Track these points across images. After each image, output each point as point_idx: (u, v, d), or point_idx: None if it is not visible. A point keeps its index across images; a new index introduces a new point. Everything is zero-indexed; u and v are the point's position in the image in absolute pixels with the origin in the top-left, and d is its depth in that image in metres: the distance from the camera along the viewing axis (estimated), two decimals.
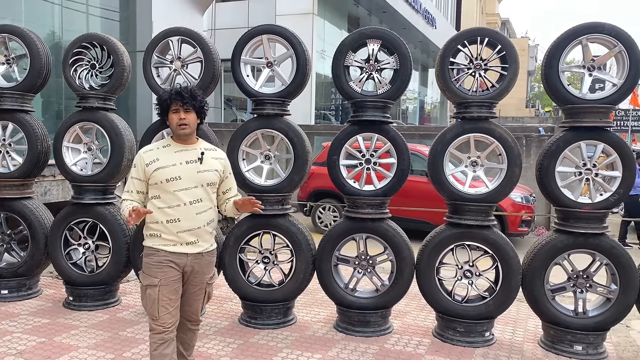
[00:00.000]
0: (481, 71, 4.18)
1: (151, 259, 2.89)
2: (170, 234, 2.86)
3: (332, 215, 9.64)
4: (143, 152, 2.95)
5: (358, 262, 4.45)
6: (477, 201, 4.14)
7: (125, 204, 2.90)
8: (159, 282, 2.84)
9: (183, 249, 2.89)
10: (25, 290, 5.05)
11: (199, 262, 2.94)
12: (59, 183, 6.24)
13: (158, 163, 2.87)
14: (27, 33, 4.85)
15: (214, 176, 2.97)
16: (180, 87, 2.93)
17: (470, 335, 4.20)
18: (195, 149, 2.96)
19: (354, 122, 4.37)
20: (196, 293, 3.01)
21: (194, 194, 2.88)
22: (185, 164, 2.88)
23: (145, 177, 2.89)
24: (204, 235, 2.94)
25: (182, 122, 2.86)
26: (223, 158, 3.08)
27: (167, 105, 2.88)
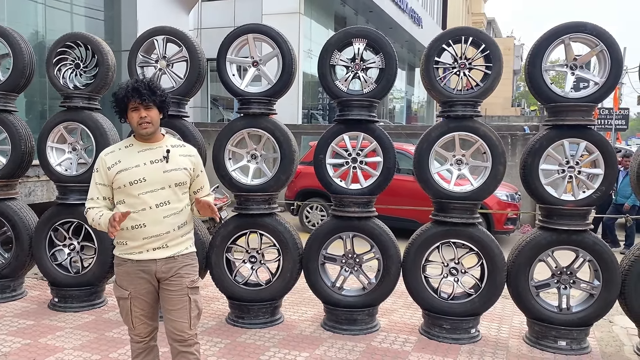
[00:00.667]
0: (465, 70, 4.22)
1: (120, 269, 2.71)
2: (136, 240, 2.64)
3: (320, 214, 9.64)
4: (104, 154, 2.71)
5: (345, 260, 4.46)
6: (462, 199, 4.17)
7: (93, 213, 2.64)
8: (129, 294, 2.67)
9: (150, 255, 2.66)
10: (10, 292, 5.00)
11: (173, 266, 2.68)
12: (43, 184, 6.18)
13: (120, 165, 2.63)
14: (10, 32, 4.80)
15: (183, 175, 2.71)
16: (137, 81, 2.63)
17: (456, 332, 4.23)
18: (160, 147, 2.70)
19: (340, 121, 4.39)
20: (176, 300, 2.68)
21: (161, 196, 2.64)
22: (149, 164, 2.64)
23: (109, 181, 2.65)
24: (174, 239, 2.70)
25: (143, 120, 2.60)
26: (193, 155, 2.81)
27: (125, 103, 2.61)
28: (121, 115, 2.68)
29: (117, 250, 2.72)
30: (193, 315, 2.71)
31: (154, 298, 2.73)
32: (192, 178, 2.78)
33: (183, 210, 2.74)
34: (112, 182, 2.64)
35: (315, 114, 20.99)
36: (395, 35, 24.11)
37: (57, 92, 4.82)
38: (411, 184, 8.53)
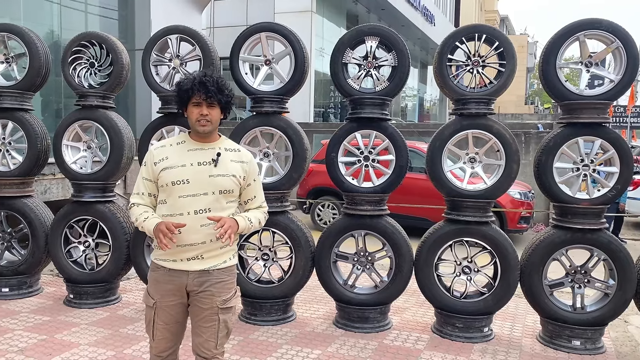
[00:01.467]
0: (479, 68, 4.20)
1: (152, 275, 2.54)
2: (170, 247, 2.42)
3: (331, 212, 9.65)
4: (154, 148, 2.53)
5: (357, 258, 4.46)
6: (475, 197, 4.15)
7: (137, 211, 2.47)
8: (155, 304, 2.49)
9: (182, 265, 2.45)
10: (26, 288, 5.07)
11: (206, 281, 2.46)
12: (58, 181, 6.26)
13: (166, 162, 2.44)
14: (26, 32, 4.86)
15: (230, 183, 2.46)
16: (205, 75, 2.41)
17: (469, 331, 4.22)
18: (212, 148, 2.48)
19: (352, 120, 4.39)
20: (205, 319, 2.48)
21: (202, 202, 2.41)
22: (196, 165, 2.43)
23: (154, 177, 2.47)
24: (211, 251, 2.46)
25: (203, 118, 2.41)
26: (247, 161, 2.55)
27: (189, 96, 2.41)
28: (180, 106, 2.48)
29: (154, 254, 2.56)
30: (221, 335, 2.52)
31: (180, 313, 2.52)
32: (241, 187, 2.54)
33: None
34: (157, 179, 2.46)
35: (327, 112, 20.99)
36: (407, 33, 24.03)
37: (72, 90, 4.87)
38: (423, 182, 8.51)
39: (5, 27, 4.92)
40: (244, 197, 2.58)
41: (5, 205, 4.99)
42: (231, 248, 2.54)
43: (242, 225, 2.46)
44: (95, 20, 9.43)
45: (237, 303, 2.59)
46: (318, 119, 19.13)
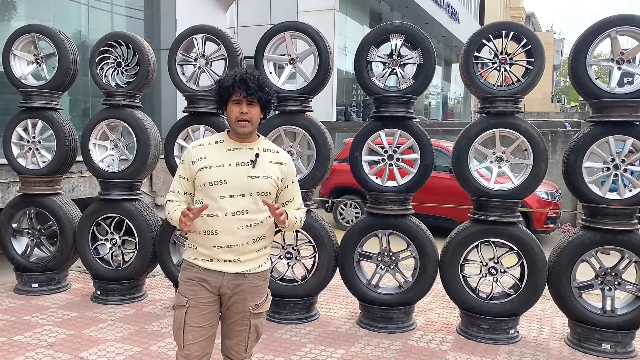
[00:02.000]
0: (506, 65, 4.13)
1: (184, 274, 2.47)
2: (206, 247, 2.40)
3: (354, 211, 9.63)
4: (192, 146, 2.48)
5: (381, 258, 4.44)
6: (502, 197, 4.09)
7: (170, 206, 2.45)
8: (187, 302, 2.40)
9: (219, 266, 2.40)
10: (55, 284, 5.17)
11: (240, 284, 2.41)
12: (86, 179, 6.36)
13: (205, 162, 2.39)
14: (55, 32, 4.95)
15: (267, 184, 2.40)
16: (247, 72, 2.36)
17: (495, 333, 4.16)
18: (251, 148, 2.43)
19: (377, 118, 4.36)
20: (237, 322, 2.47)
21: (240, 203, 2.36)
22: (234, 166, 2.38)
23: (192, 176, 2.42)
24: (248, 254, 2.41)
25: (243, 117, 2.35)
26: (285, 163, 2.49)
27: (229, 94, 2.35)
28: (220, 105, 2.42)
29: (187, 253, 2.50)
30: (251, 339, 2.50)
31: (213, 313, 2.45)
32: (279, 189, 2.47)
33: (262, 223, 2.42)
34: (194, 178, 2.42)
35: (350, 111, 20.94)
36: (431, 31, 23.81)
37: (99, 90, 4.94)
38: (448, 181, 8.45)
39: (35, 28, 5.02)
40: (282, 199, 2.51)
41: (34, 203, 5.10)
42: (266, 252, 2.50)
43: (290, 220, 2.40)
44: (122, 20, 9.56)
45: (268, 307, 2.55)
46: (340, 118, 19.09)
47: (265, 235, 2.47)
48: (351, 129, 12.64)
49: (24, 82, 5.01)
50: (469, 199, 4.30)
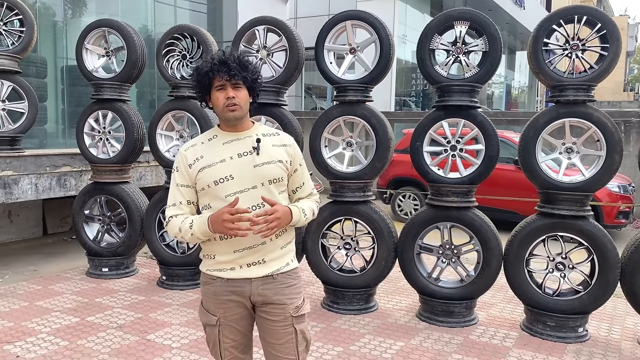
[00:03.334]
0: (578, 52, 3.93)
1: (207, 289, 2.21)
2: (225, 253, 2.13)
3: (413, 203, 9.50)
4: (184, 149, 2.20)
5: (442, 251, 4.35)
6: (572, 190, 3.91)
7: (178, 222, 2.13)
8: (218, 321, 2.18)
9: (244, 272, 2.14)
10: (123, 269, 5.41)
11: (271, 288, 2.16)
12: (152, 169, 6.60)
13: (203, 161, 2.13)
14: (124, 26, 5.14)
15: (278, 169, 2.16)
16: (224, 53, 2.11)
17: (562, 330, 4.00)
18: (249, 136, 2.17)
19: (439, 108, 4.26)
20: (279, 333, 2.16)
21: (253, 197, 2.10)
22: (237, 157, 2.13)
23: (192, 182, 2.16)
24: (273, 252, 2.17)
25: (231, 101, 2.08)
26: (289, 144, 2.24)
27: (210, 80, 2.08)
28: (203, 95, 2.15)
29: (204, 265, 2.23)
30: (301, 350, 2.20)
31: (248, 325, 2.24)
32: (289, 172, 2.23)
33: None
34: (195, 183, 2.16)
35: (408, 101, 20.63)
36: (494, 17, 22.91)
37: (164, 82, 5.09)
38: (511, 173, 8.18)
39: (106, 23, 5.23)
40: (292, 185, 2.27)
41: (105, 191, 5.34)
42: (291, 248, 2.26)
43: (295, 218, 2.16)
44: (185, 13, 9.82)
45: (308, 310, 2.27)
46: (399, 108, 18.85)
47: (287, 229, 2.23)
48: (410, 119, 12.45)
49: (95, 74, 5.23)
50: (534, 191, 4.14)
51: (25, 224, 6.94)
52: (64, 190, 5.68)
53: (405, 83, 20.51)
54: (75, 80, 7.43)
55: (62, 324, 4.07)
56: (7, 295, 4.72)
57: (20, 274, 5.46)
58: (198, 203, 2.20)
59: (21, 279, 5.25)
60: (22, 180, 5.23)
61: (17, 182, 5.19)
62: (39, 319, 4.16)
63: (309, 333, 2.26)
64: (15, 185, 5.18)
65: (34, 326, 4.03)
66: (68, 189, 5.71)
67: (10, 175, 5.13)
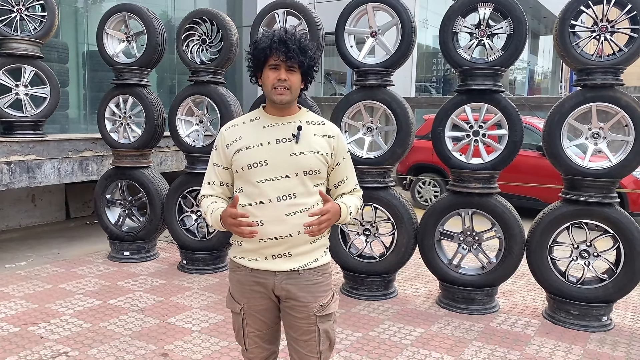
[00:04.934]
0: (607, 34, 3.81)
1: (233, 276, 2.16)
2: (251, 242, 2.04)
3: (433, 190, 9.41)
4: (225, 128, 2.13)
5: (463, 238, 4.30)
6: (598, 176, 3.81)
7: (206, 203, 2.11)
8: (242, 309, 2.12)
9: (268, 264, 2.05)
10: (144, 252, 5.46)
11: (296, 284, 2.06)
12: (172, 154, 6.63)
13: (240, 142, 2.05)
14: (144, 11, 5.13)
15: (316, 161, 2.03)
16: (287, 32, 2.00)
17: (585, 319, 3.93)
18: (292, 122, 2.06)
19: (462, 92, 4.18)
20: (302, 330, 2.09)
21: (285, 186, 2.00)
22: (274, 143, 2.02)
23: (228, 162, 2.08)
24: (300, 246, 2.05)
25: (281, 84, 1.98)
26: (334, 135, 2.10)
27: (265, 57, 1.98)
28: (255, 71, 2.06)
29: (232, 252, 2.16)
30: (323, 349, 2.12)
31: (273, 317, 2.16)
32: (329, 166, 2.10)
33: (314, 208, 2.03)
34: (230, 164, 2.08)
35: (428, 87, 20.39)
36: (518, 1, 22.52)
37: (184, 67, 5.08)
38: (534, 159, 8.04)
39: (126, 7, 5.22)
40: (333, 179, 2.14)
41: (126, 175, 5.38)
42: (323, 243, 2.13)
43: (342, 217, 2.08)
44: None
45: (336, 308, 2.17)
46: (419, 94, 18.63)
47: None
48: (431, 104, 12.29)
49: (115, 59, 5.25)
50: (557, 178, 4.05)
51: (49, 208, 7.05)
52: (86, 175, 5.74)
53: (426, 68, 20.24)
54: (96, 66, 7.48)
55: (85, 307, 4.13)
56: (32, 278, 4.80)
57: (44, 257, 5.55)
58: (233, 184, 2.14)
59: (45, 262, 5.34)
60: (45, 164, 5.30)
61: (40, 166, 5.26)
62: (62, 301, 4.23)
63: (334, 332, 2.17)
64: (39, 170, 5.25)
65: (58, 308, 4.09)
66: (90, 174, 5.77)
67: (33, 160, 5.19)
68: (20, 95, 5.44)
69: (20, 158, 5.08)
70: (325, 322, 2.11)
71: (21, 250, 5.79)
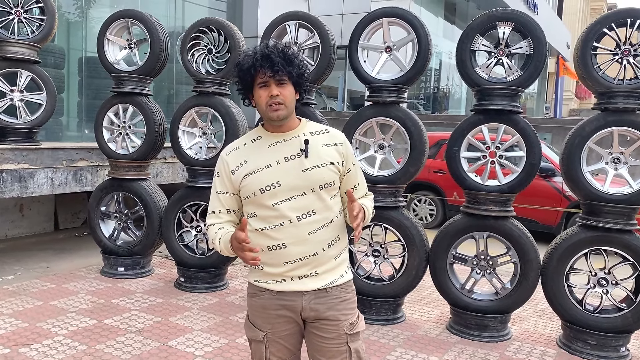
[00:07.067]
0: (629, 57, 3.74)
1: (255, 302, 2.05)
2: (275, 266, 1.97)
3: (428, 208, 9.31)
4: (226, 153, 2.03)
5: (477, 262, 4.17)
6: (618, 202, 3.71)
7: (213, 231, 2.02)
8: (265, 337, 2.02)
9: (295, 285, 1.97)
10: (139, 268, 5.23)
11: (324, 302, 1.99)
12: (169, 165, 6.42)
13: (247, 167, 1.96)
14: (148, 18, 4.96)
15: (329, 173, 1.97)
16: (267, 46, 1.90)
17: (603, 349, 3.80)
18: (296, 136, 1.98)
19: (479, 112, 4.07)
20: (332, 351, 1.99)
21: (302, 204, 1.94)
22: (284, 162, 1.95)
23: (234, 189, 2.00)
24: (326, 264, 1.98)
25: (274, 100, 1.89)
26: (341, 142, 2.03)
27: (252, 77, 1.90)
28: (246, 93, 1.97)
29: (252, 275, 2.07)
30: None
31: (297, 343, 2.07)
32: (341, 174, 2.03)
33: (334, 222, 1.99)
34: (238, 190, 1.99)
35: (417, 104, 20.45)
36: None
37: (182, 76, 4.91)
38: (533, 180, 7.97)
39: (129, 13, 5.05)
40: (345, 186, 2.05)
41: (123, 187, 5.16)
42: (344, 257, 2.07)
43: (367, 218, 2.02)
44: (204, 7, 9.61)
45: (364, 327, 2.09)
46: None
47: (340, 237, 2.04)
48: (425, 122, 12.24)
49: (116, 67, 5.06)
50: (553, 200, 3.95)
51: (37, 218, 6.77)
52: (80, 186, 5.50)
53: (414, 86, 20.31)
54: (93, 72, 7.25)
55: (79, 326, 3.90)
56: (20, 294, 4.54)
57: (33, 271, 5.29)
58: (242, 210, 2.04)
59: (34, 276, 5.08)
60: (38, 174, 5.06)
61: (32, 175, 5.02)
62: (55, 320, 3.99)
63: (364, 353, 2.06)
64: (31, 179, 5.01)
65: (50, 327, 3.85)
66: (84, 184, 5.53)
67: (26, 169, 4.95)
68: (15, 101, 5.22)
69: (12, 166, 4.84)
70: (356, 342, 2.03)
71: (8, 263, 5.51)
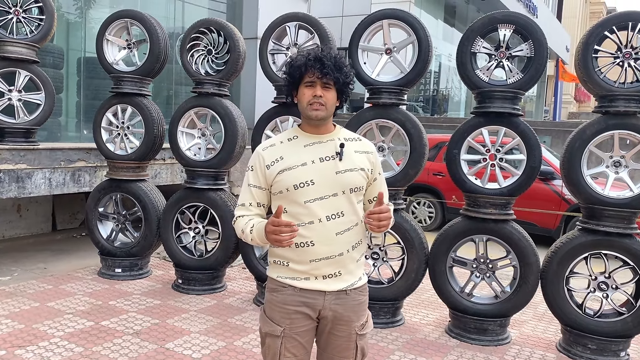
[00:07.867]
0: (631, 60, 3.73)
1: (275, 297, 2.09)
2: (301, 263, 2.03)
3: (427, 210, 9.29)
4: (262, 148, 2.10)
5: (476, 265, 4.15)
6: (619, 206, 3.70)
7: (242, 223, 2.06)
8: (282, 332, 2.06)
9: (319, 284, 2.04)
10: (137, 270, 5.20)
11: (343, 304, 2.06)
12: (167, 167, 6.39)
13: (283, 163, 2.03)
14: (147, 18, 4.94)
15: (360, 178, 2.05)
16: (323, 50, 2.02)
17: (603, 354, 3.78)
18: (332, 139, 2.06)
19: (479, 114, 4.06)
20: (341, 348, 2.11)
21: (333, 205, 2.01)
22: (319, 162, 2.02)
23: (267, 184, 2.07)
24: (348, 265, 2.06)
25: (317, 100, 1.98)
26: (371, 151, 2.14)
27: (301, 74, 2.00)
28: (290, 89, 2.07)
29: (274, 271, 2.10)
30: None
31: (310, 340, 2.14)
32: (369, 181, 2.11)
33: (358, 225, 2.07)
34: (270, 185, 2.06)
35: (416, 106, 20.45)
36: None
37: (181, 77, 4.89)
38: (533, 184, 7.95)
39: (129, 14, 5.03)
40: (369, 194, 2.13)
41: (121, 188, 5.13)
42: (363, 261, 2.17)
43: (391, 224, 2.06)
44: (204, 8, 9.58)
45: (372, 326, 2.20)
46: None
47: (362, 241, 2.11)
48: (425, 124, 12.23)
49: (115, 67, 5.03)
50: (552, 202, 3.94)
51: (35, 219, 6.74)
52: (78, 187, 5.47)
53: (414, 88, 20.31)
54: (92, 72, 7.22)
55: (76, 328, 3.87)
56: (17, 295, 4.51)
57: (30, 272, 5.26)
58: (270, 205, 2.11)
59: (30, 277, 5.05)
60: (35, 174, 5.03)
61: (30, 176, 4.99)
62: (51, 322, 3.96)
63: (368, 348, 2.20)
64: (29, 180, 4.98)
65: (46, 329, 3.82)
66: (82, 185, 5.50)
67: (24, 169, 4.92)
68: (14, 101, 5.19)
69: (10, 167, 4.81)
70: (363, 339, 2.15)
71: (5, 264, 5.47)
